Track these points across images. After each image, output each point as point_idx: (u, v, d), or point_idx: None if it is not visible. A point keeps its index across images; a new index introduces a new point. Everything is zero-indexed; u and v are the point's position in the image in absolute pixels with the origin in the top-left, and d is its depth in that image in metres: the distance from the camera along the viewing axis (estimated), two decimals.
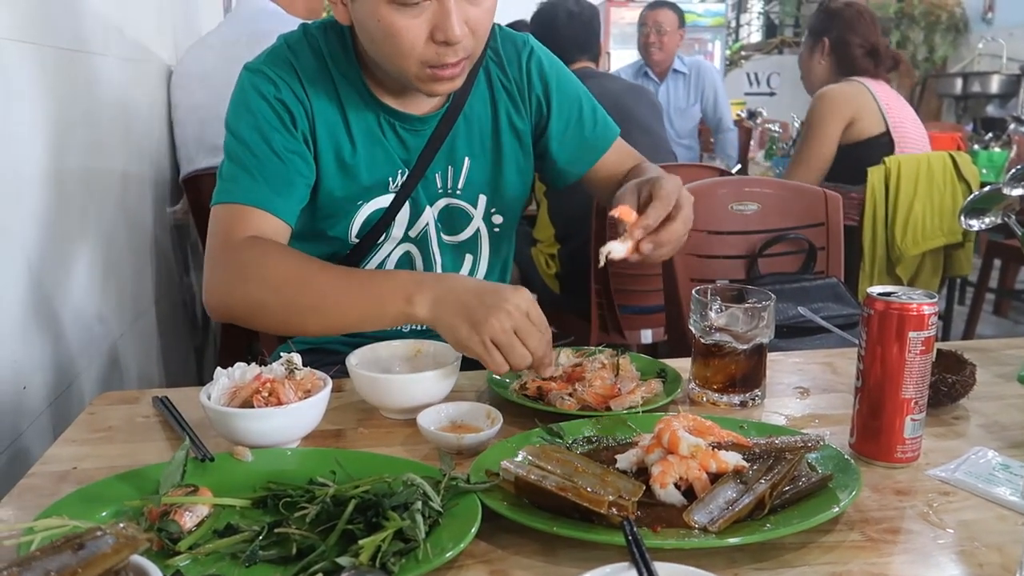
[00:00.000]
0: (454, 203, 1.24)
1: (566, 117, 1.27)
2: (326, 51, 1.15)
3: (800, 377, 1.15)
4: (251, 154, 1.10)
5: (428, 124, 1.19)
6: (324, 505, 0.72)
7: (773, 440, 0.84)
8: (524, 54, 1.24)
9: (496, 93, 1.23)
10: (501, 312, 0.93)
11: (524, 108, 1.25)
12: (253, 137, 1.11)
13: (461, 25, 1.01)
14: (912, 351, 0.84)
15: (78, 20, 1.60)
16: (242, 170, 1.10)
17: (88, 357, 1.56)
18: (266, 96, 1.12)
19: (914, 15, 7.34)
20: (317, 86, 1.14)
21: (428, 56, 1.03)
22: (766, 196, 1.78)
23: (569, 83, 1.28)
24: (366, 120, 1.17)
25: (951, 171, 2.47)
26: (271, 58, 1.15)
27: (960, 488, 0.82)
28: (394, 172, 1.19)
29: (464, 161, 1.22)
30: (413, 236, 1.24)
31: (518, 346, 0.93)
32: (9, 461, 1.20)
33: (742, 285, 1.18)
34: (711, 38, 7.11)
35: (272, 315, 1.05)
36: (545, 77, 1.25)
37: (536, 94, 1.25)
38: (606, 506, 0.71)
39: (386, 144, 1.18)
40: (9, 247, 1.26)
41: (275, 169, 1.10)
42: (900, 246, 2.41)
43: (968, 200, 1.20)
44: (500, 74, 1.23)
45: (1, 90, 1.25)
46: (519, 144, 1.26)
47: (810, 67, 2.68)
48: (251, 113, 1.12)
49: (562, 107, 1.26)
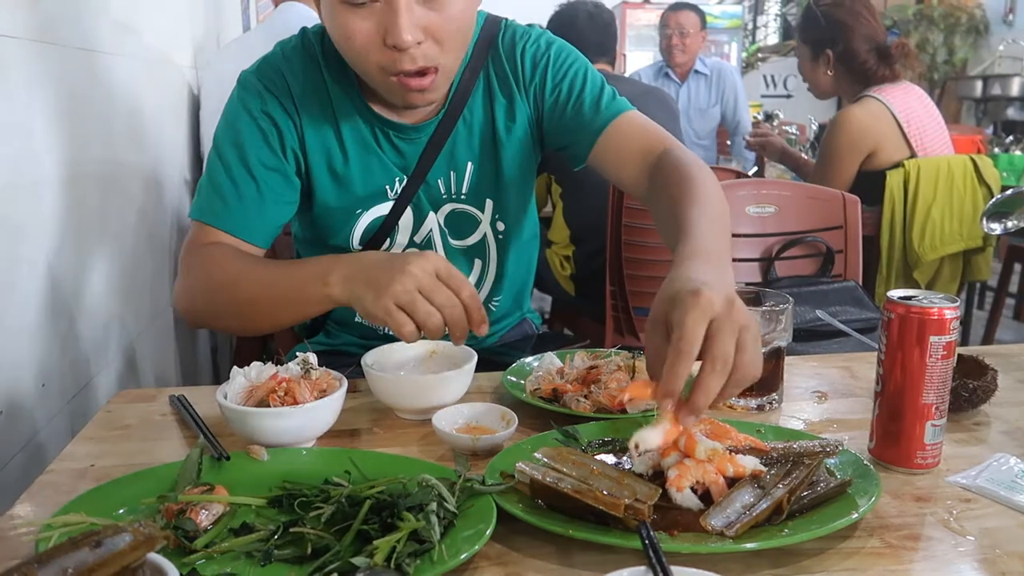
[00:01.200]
0: (460, 208, 1.23)
1: (562, 97, 1.19)
2: (322, 58, 1.15)
3: (818, 381, 1.14)
4: (227, 176, 1.11)
5: (423, 132, 1.17)
6: (339, 505, 0.72)
7: (791, 444, 0.83)
8: (519, 46, 1.19)
9: (494, 95, 1.19)
10: (404, 275, 0.88)
11: (523, 101, 1.20)
12: (231, 155, 1.11)
13: (413, 30, 0.97)
14: (933, 356, 0.83)
15: (96, 21, 1.62)
16: (216, 192, 1.12)
17: (106, 356, 1.57)
18: (251, 110, 1.12)
19: (933, 17, 7.27)
20: (309, 96, 1.14)
21: (384, 62, 1.01)
22: (784, 199, 1.77)
23: (566, 62, 1.20)
24: (359, 129, 1.16)
25: (971, 174, 2.43)
26: (262, 68, 1.15)
27: (981, 495, 0.81)
28: (391, 180, 1.18)
29: (467, 166, 1.21)
30: (419, 242, 1.24)
31: (421, 303, 0.88)
32: (27, 458, 1.21)
33: (759, 288, 1.17)
34: (728, 40, 7.08)
35: (227, 317, 1.09)
36: (537, 61, 1.19)
37: (533, 83, 1.19)
38: (622, 509, 0.70)
39: (380, 153, 1.17)
40: (28, 247, 1.27)
41: (247, 191, 1.11)
42: (918, 250, 2.38)
43: (990, 203, 1.19)
44: (497, 72, 1.19)
45: (20, 90, 1.26)
46: (519, 145, 1.22)
47: (815, 79, 2.53)
48: (234, 129, 1.13)
49: (559, 87, 1.19)
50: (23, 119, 1.27)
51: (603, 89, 1.19)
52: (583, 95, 1.18)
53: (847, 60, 2.44)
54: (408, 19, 0.96)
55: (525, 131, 1.22)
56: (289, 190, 1.15)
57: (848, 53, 2.42)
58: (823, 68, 2.49)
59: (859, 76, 2.44)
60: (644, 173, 1.11)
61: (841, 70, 2.47)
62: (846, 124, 2.39)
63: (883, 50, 2.42)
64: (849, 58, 2.43)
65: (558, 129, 1.20)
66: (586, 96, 1.17)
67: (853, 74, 2.45)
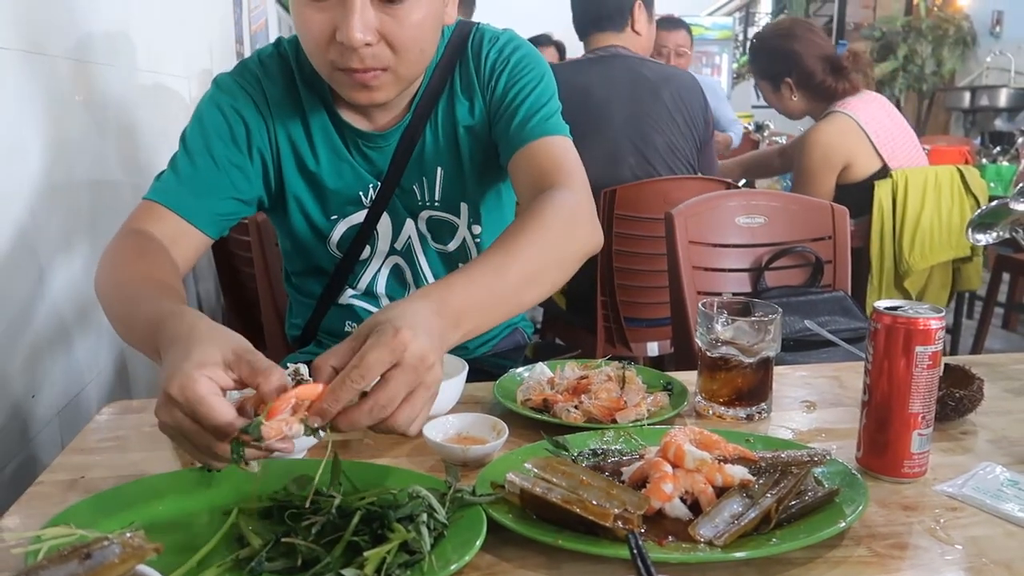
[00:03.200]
0: (436, 215, 1.24)
1: (504, 101, 1.17)
2: (295, 68, 1.16)
3: (807, 391, 1.14)
4: (188, 159, 1.11)
5: (390, 139, 1.18)
6: (330, 516, 0.72)
7: (779, 454, 0.83)
8: (486, 48, 1.18)
9: (456, 97, 1.19)
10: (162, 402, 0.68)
11: (481, 103, 1.19)
12: (196, 143, 1.11)
13: (364, 31, 0.97)
14: (919, 366, 0.84)
15: (88, 31, 1.62)
16: (172, 172, 1.11)
17: (96, 366, 1.57)
18: (221, 106, 1.12)
19: (921, 29, 7.34)
20: (282, 103, 1.15)
21: (333, 56, 1.01)
22: (773, 209, 1.78)
23: (523, 71, 1.17)
24: (329, 137, 1.17)
25: (959, 185, 2.46)
26: (238, 71, 1.16)
27: (968, 504, 0.82)
28: (364, 186, 1.19)
29: (437, 171, 1.21)
30: (399, 249, 1.25)
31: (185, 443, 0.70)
32: (18, 469, 1.20)
33: (748, 298, 1.18)
34: (718, 51, 7.13)
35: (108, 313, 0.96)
36: (496, 64, 1.18)
37: (490, 84, 1.18)
38: (611, 519, 0.71)
39: (351, 160, 1.18)
40: (18, 257, 1.27)
41: (205, 173, 1.10)
42: (908, 260, 2.40)
43: (975, 215, 1.20)
44: (462, 76, 1.19)
45: (11, 100, 1.27)
46: (482, 146, 1.20)
47: (784, 107, 2.58)
48: (201, 122, 1.13)
49: (505, 91, 1.17)
50: (14, 129, 1.27)
51: (543, 107, 1.15)
52: (521, 106, 1.15)
53: (805, 83, 2.48)
54: (360, 19, 0.97)
55: (485, 132, 1.20)
56: (247, 187, 1.14)
57: (804, 76, 2.47)
58: (788, 95, 2.54)
59: (822, 94, 2.48)
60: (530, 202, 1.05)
61: (804, 94, 2.51)
62: (816, 142, 2.43)
63: (835, 64, 2.45)
64: (807, 81, 2.47)
65: (495, 133, 1.19)
66: (522, 108, 1.15)
67: (816, 94, 2.49)
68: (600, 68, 2.29)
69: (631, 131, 2.26)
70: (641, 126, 2.26)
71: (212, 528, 0.75)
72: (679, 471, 0.78)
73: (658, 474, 0.78)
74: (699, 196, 1.80)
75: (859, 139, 2.41)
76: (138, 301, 0.87)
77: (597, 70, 2.28)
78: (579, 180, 1.07)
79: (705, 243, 1.74)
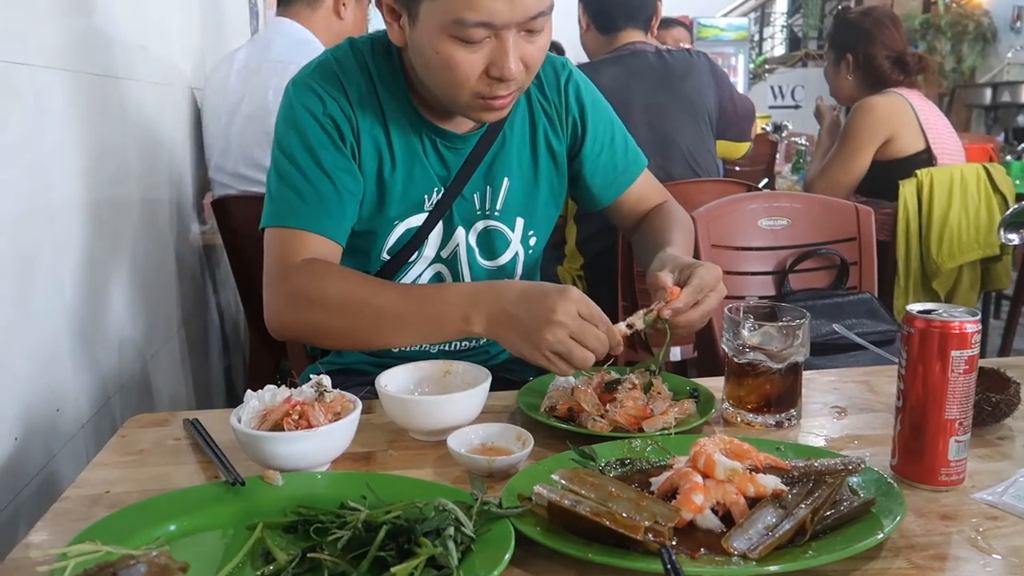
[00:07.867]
0: (492, 225, 1.24)
1: (600, 141, 1.27)
2: (372, 67, 1.16)
3: (836, 396, 1.12)
4: (301, 174, 1.11)
5: (468, 142, 1.19)
6: (356, 531, 0.71)
7: (812, 462, 0.82)
8: (563, 77, 1.26)
9: (535, 114, 1.24)
10: (552, 325, 0.94)
11: (561, 130, 1.26)
12: (303, 155, 1.12)
13: (517, 62, 1.03)
14: (955, 370, 0.82)
15: (107, 46, 1.63)
16: (292, 191, 1.11)
17: (120, 379, 1.57)
18: (314, 113, 1.12)
19: (940, 25, 7.27)
20: (363, 102, 1.15)
21: (481, 89, 1.05)
22: (796, 211, 1.76)
23: (604, 109, 1.30)
24: (408, 137, 1.17)
25: (985, 183, 2.43)
26: (318, 72, 1.15)
27: (1009, 512, 0.80)
28: (429, 190, 1.19)
29: (503, 181, 1.22)
30: (445, 256, 1.24)
31: (577, 351, 0.95)
32: (43, 484, 1.21)
33: (774, 302, 1.16)
34: (734, 52, 7.08)
35: (335, 336, 1.11)
36: (581, 100, 1.26)
37: (572, 116, 1.26)
38: (642, 532, 0.69)
39: (425, 162, 1.18)
40: (42, 272, 1.28)
41: (325, 189, 1.11)
42: (936, 259, 2.37)
43: (1007, 214, 1.18)
44: (540, 96, 1.24)
45: (35, 117, 1.27)
46: (554, 165, 1.27)
47: (838, 83, 2.65)
48: (299, 131, 1.12)
49: (596, 131, 1.27)
50: (37, 145, 1.28)
51: (626, 140, 1.32)
52: (614, 145, 1.30)
53: (865, 64, 2.55)
54: (516, 53, 1.03)
55: (562, 158, 1.27)
56: (357, 188, 1.15)
57: (866, 57, 2.54)
58: (844, 72, 2.60)
59: (875, 80, 2.55)
60: (641, 217, 1.33)
61: (860, 75, 2.58)
62: (868, 109, 2.49)
63: (901, 58, 2.53)
64: (867, 63, 2.55)
65: (590, 174, 1.29)
66: (617, 148, 1.30)
67: (870, 78, 2.56)
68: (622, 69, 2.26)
69: (653, 134, 2.24)
70: (663, 128, 2.25)
71: (238, 542, 0.74)
72: (710, 481, 0.77)
73: (688, 485, 0.76)
74: (721, 199, 1.78)
75: (908, 117, 2.48)
76: (401, 302, 1.05)
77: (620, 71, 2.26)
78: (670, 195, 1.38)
79: (728, 246, 1.72)
